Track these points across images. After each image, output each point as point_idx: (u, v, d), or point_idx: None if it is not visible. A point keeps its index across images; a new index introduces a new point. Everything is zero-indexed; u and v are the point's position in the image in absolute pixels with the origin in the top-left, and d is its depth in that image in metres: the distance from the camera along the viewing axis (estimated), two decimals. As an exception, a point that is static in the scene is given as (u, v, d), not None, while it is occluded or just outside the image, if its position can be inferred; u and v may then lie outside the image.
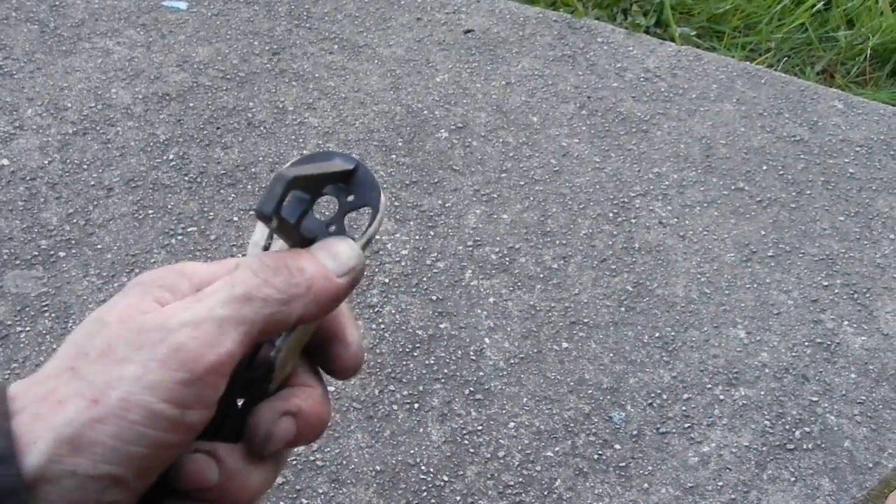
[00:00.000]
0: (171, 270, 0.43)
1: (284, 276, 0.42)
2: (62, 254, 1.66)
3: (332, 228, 0.46)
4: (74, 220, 1.71)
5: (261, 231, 0.46)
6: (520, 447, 1.47)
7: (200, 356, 0.39)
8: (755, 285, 1.72)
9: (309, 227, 0.45)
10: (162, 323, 0.39)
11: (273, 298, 0.41)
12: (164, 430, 0.38)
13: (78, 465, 0.37)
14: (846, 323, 1.68)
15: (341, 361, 0.47)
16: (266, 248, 0.46)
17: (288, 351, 0.45)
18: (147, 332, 0.39)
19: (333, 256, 0.45)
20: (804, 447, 1.50)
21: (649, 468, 1.46)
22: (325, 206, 1.21)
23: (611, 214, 1.82)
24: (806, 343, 1.64)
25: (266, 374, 0.45)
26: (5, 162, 1.80)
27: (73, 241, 1.68)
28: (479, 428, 1.49)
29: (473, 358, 1.57)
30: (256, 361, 0.45)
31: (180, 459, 0.42)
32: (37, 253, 1.65)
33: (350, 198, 0.47)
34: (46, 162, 1.80)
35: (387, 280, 1.67)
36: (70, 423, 0.37)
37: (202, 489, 0.42)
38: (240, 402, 0.46)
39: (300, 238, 0.45)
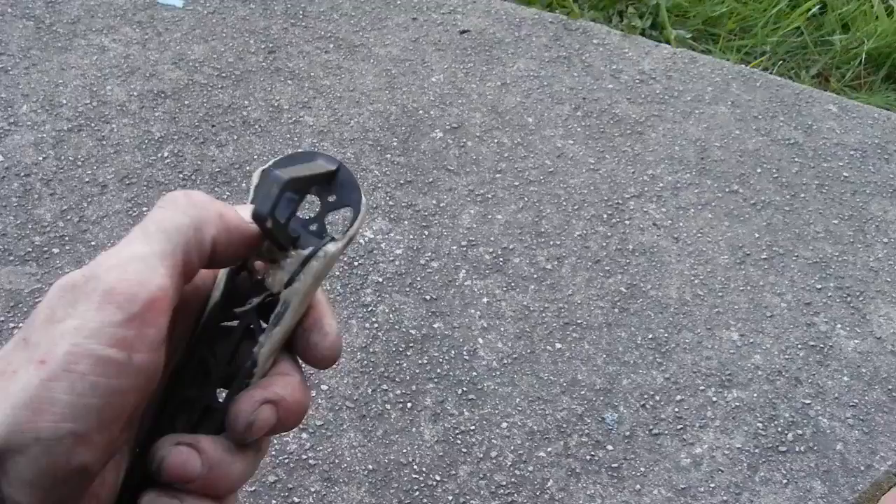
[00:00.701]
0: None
1: (194, 205, 0.43)
2: (56, 250, 1.65)
3: (314, 227, 0.47)
4: (68, 217, 1.71)
5: None
6: (512, 447, 1.47)
7: (134, 294, 0.39)
8: (749, 288, 1.72)
9: (292, 226, 0.46)
10: (91, 274, 0.40)
11: (185, 224, 0.42)
12: (115, 375, 0.39)
13: (40, 429, 0.37)
14: (839, 326, 1.68)
15: (319, 350, 0.47)
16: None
17: (270, 346, 0.45)
18: (79, 287, 0.40)
19: (244, 210, 0.46)
20: (796, 449, 1.50)
21: (641, 469, 1.46)
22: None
23: (605, 216, 1.82)
24: (799, 346, 1.64)
25: (249, 369, 0.45)
26: (0, 158, 1.79)
27: (66, 238, 1.67)
28: (472, 428, 1.49)
29: (467, 358, 1.57)
30: (239, 355, 0.46)
31: (163, 452, 0.43)
32: (30, 249, 1.65)
33: (332, 198, 0.48)
34: (41, 158, 1.80)
35: (380, 279, 1.67)
36: (25, 388, 0.38)
37: (186, 481, 0.43)
38: (221, 398, 0.46)
39: (286, 237, 0.46)
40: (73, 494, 0.40)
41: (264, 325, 0.46)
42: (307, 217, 0.48)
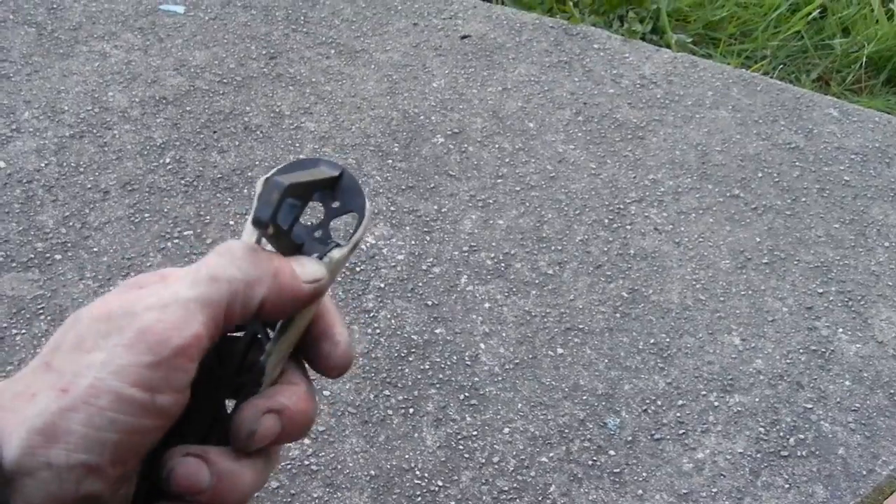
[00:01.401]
0: (154, 272, 0.44)
1: (251, 260, 0.42)
2: (58, 256, 1.66)
3: (318, 234, 0.47)
4: (70, 223, 1.71)
5: (249, 235, 0.46)
6: (514, 452, 1.47)
7: (167, 339, 0.39)
8: (750, 292, 1.72)
9: (297, 232, 0.46)
10: (129, 309, 0.40)
11: (237, 279, 0.41)
12: (135, 414, 0.38)
13: (52, 455, 0.37)
14: (841, 330, 1.68)
15: (330, 359, 0.47)
16: None
17: (277, 355, 0.45)
18: (114, 320, 0.39)
19: (301, 265, 0.45)
20: (798, 454, 1.50)
21: (644, 474, 1.46)
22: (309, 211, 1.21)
23: (606, 220, 1.82)
24: (800, 350, 1.64)
25: (256, 378, 0.45)
26: (2, 164, 1.80)
27: (69, 244, 1.68)
28: (474, 433, 1.49)
29: (468, 363, 1.58)
30: (246, 365, 0.46)
31: (172, 464, 0.42)
32: (33, 255, 1.65)
33: (335, 204, 0.48)
34: (43, 165, 1.80)
35: (382, 285, 1.67)
36: (41, 413, 0.37)
37: (195, 492, 0.42)
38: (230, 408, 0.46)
39: (290, 244, 0.46)
40: None
41: (271, 334, 0.46)
42: (312, 224, 0.48)
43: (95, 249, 1.67)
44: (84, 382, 0.38)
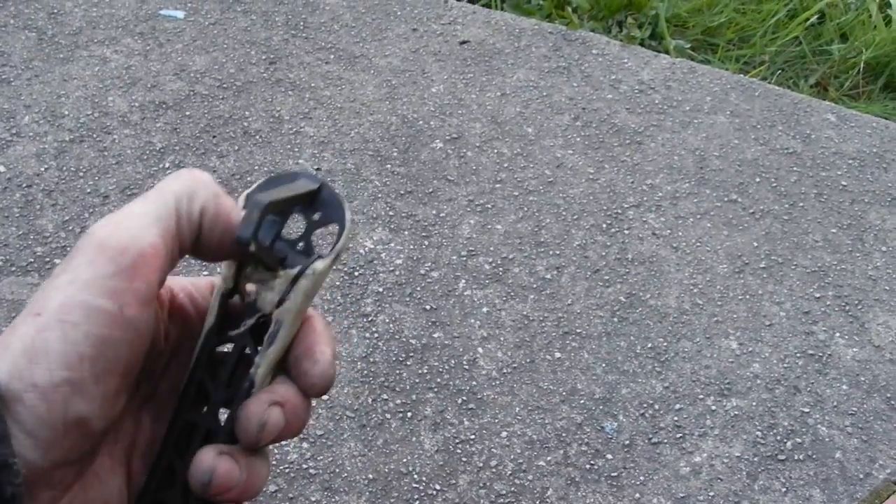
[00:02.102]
0: None
1: (192, 176, 0.45)
2: (58, 261, 1.66)
3: (301, 246, 0.48)
4: (70, 228, 1.72)
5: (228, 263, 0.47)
6: (512, 456, 1.47)
7: (125, 248, 0.41)
8: (747, 297, 1.73)
9: (279, 247, 0.47)
10: (88, 233, 0.42)
11: (180, 191, 0.44)
12: (107, 326, 0.40)
13: (36, 376, 0.39)
14: (838, 335, 1.68)
15: (309, 378, 0.47)
16: (238, 270, 0.47)
17: (266, 367, 0.46)
18: (76, 248, 0.42)
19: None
20: (795, 458, 1.51)
21: (641, 478, 1.47)
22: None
23: (604, 225, 1.83)
24: (798, 354, 1.65)
25: (247, 390, 0.46)
26: (1, 169, 1.80)
27: (68, 249, 1.68)
28: (472, 437, 1.49)
29: (466, 367, 1.58)
30: (236, 379, 0.47)
31: (212, 462, 0.44)
32: (32, 260, 1.66)
33: (316, 216, 0.49)
34: (43, 169, 1.81)
35: (380, 289, 1.68)
36: (21, 338, 0.39)
37: (229, 488, 0.44)
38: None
39: (272, 258, 0.47)
40: (78, 449, 0.41)
41: (259, 347, 0.47)
42: (294, 237, 0.48)
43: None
44: (54, 302, 0.40)
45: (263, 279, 0.47)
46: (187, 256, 0.46)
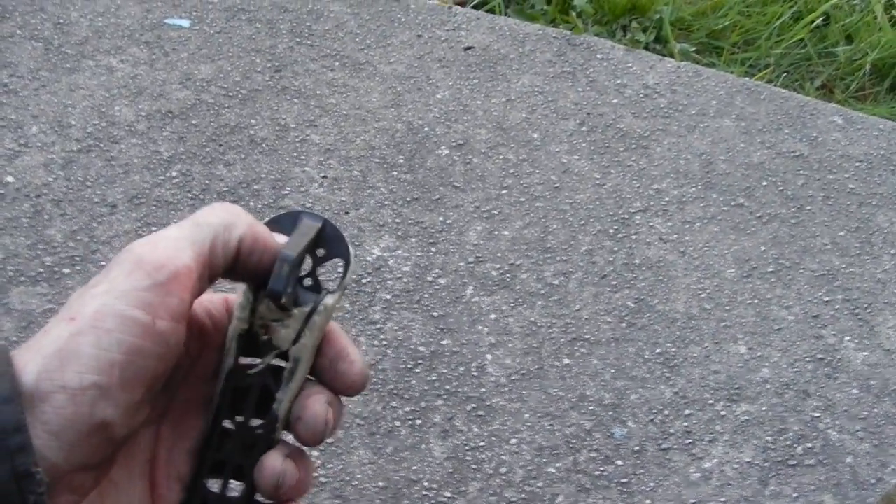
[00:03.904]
0: None
1: (229, 209, 0.47)
2: (66, 270, 1.66)
3: (308, 282, 0.50)
4: (79, 237, 1.72)
5: (245, 295, 0.49)
6: (522, 463, 1.47)
7: (161, 265, 0.43)
8: (756, 301, 1.73)
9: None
10: (127, 249, 0.44)
11: (217, 222, 0.46)
12: (139, 336, 0.42)
13: (66, 377, 0.40)
14: (847, 338, 1.68)
15: (347, 377, 0.49)
16: (252, 311, 0.49)
17: (288, 402, 0.48)
18: (114, 261, 0.44)
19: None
20: (806, 463, 1.50)
21: (651, 484, 1.46)
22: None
23: (611, 231, 1.83)
24: (807, 359, 1.65)
25: (272, 427, 0.49)
26: (10, 179, 1.81)
27: (77, 258, 1.68)
28: (482, 444, 1.49)
29: (475, 374, 1.58)
30: (259, 416, 0.49)
31: (283, 467, 0.47)
32: (42, 270, 1.66)
33: (321, 252, 0.51)
34: (51, 179, 1.81)
35: (388, 297, 1.68)
36: (54, 341, 0.41)
37: (294, 489, 0.47)
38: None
39: (290, 300, 0.49)
40: (99, 454, 0.42)
41: (279, 383, 0.49)
42: (302, 272, 0.51)
43: (103, 263, 1.68)
44: (90, 309, 0.41)
45: (277, 318, 0.48)
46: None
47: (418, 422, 1.51)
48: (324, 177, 1.87)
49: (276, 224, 0.50)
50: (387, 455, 1.47)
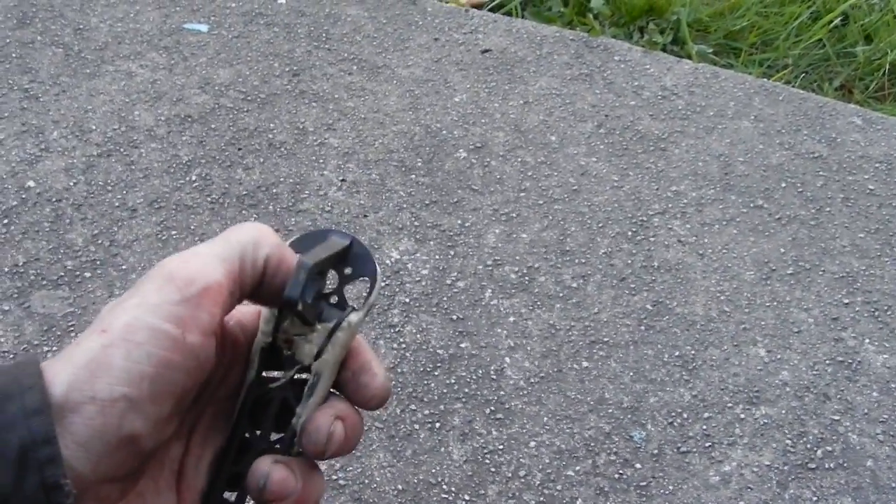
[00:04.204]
0: None
1: (256, 227, 0.48)
2: (88, 274, 1.68)
3: (334, 300, 0.51)
4: (99, 241, 1.73)
5: (270, 309, 0.50)
6: (541, 466, 1.48)
7: (192, 280, 0.44)
8: (775, 303, 1.72)
9: (315, 302, 0.50)
10: (159, 265, 0.45)
11: (245, 240, 0.47)
12: (169, 349, 0.42)
13: (96, 389, 0.41)
14: (867, 341, 1.67)
15: (369, 390, 0.50)
16: (277, 326, 0.50)
17: (307, 416, 0.49)
18: (146, 276, 0.44)
19: None
20: (826, 466, 1.50)
21: (670, 487, 1.46)
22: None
23: (630, 233, 1.82)
24: (827, 361, 1.64)
25: (290, 440, 0.49)
26: (31, 184, 1.82)
27: (98, 262, 1.70)
28: (501, 447, 1.49)
29: (494, 377, 1.58)
30: (279, 430, 0.50)
31: (266, 470, 0.47)
32: (63, 273, 1.68)
33: (348, 270, 0.52)
34: (72, 184, 1.83)
35: (407, 300, 1.68)
36: (85, 352, 0.41)
37: (284, 495, 0.47)
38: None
39: (312, 314, 0.49)
40: (126, 466, 0.42)
41: (299, 397, 0.49)
42: (327, 290, 0.51)
43: (124, 267, 1.70)
44: (121, 322, 0.42)
45: (301, 332, 0.49)
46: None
47: (437, 425, 1.52)
48: (342, 180, 1.88)
49: (305, 240, 0.51)
50: (406, 458, 1.47)
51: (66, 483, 0.39)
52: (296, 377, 0.49)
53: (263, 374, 0.50)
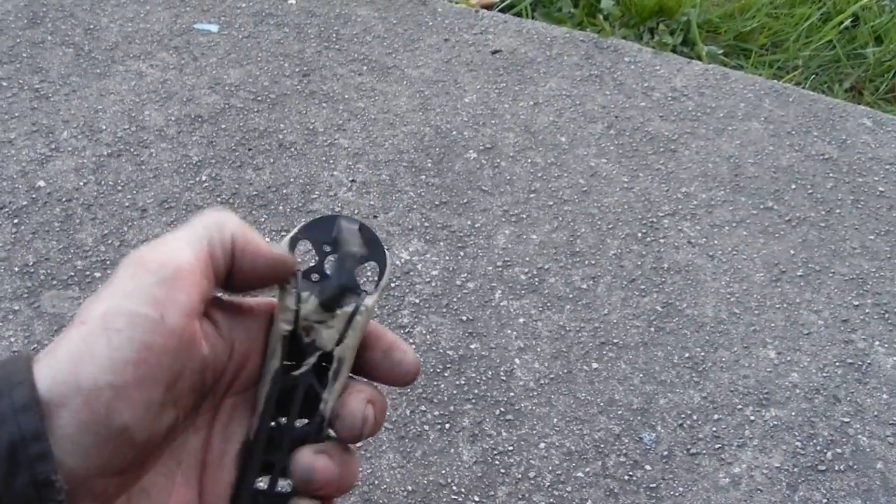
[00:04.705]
0: None
1: (218, 212, 0.49)
2: (98, 274, 1.68)
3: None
4: (109, 241, 1.74)
5: (290, 297, 0.50)
6: (550, 468, 1.48)
7: (165, 262, 0.44)
8: (785, 305, 1.72)
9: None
10: (128, 256, 0.45)
11: (209, 223, 0.47)
12: (149, 332, 0.42)
13: (80, 380, 0.40)
14: (877, 343, 1.67)
15: (403, 365, 0.51)
16: (296, 313, 0.50)
17: (333, 401, 0.50)
18: (117, 268, 0.45)
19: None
20: (836, 468, 1.50)
21: (680, 489, 1.46)
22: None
23: (639, 234, 1.82)
24: (837, 363, 1.64)
25: (319, 425, 0.50)
26: (42, 184, 1.83)
27: (108, 262, 1.70)
28: (510, 448, 1.49)
29: (504, 378, 1.58)
30: (306, 416, 0.50)
31: (308, 460, 0.48)
32: (73, 273, 1.68)
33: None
34: (82, 183, 1.83)
35: (417, 301, 1.68)
36: (66, 346, 0.41)
37: (328, 483, 0.48)
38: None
39: (338, 299, 0.51)
40: (119, 459, 0.42)
41: (322, 384, 0.50)
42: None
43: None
44: (98, 311, 0.42)
45: (321, 319, 0.50)
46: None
47: (447, 426, 1.52)
48: (352, 181, 1.88)
49: (314, 226, 0.52)
50: (415, 459, 1.47)
51: (56, 479, 0.39)
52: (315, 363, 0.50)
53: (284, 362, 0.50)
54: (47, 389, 0.40)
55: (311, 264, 0.52)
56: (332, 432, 0.50)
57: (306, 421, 0.50)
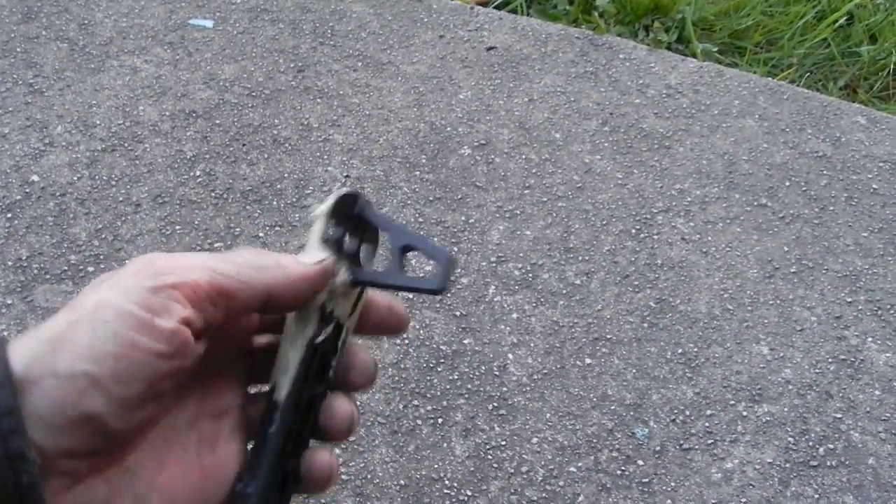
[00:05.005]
0: None
1: (259, 254, 0.48)
2: (91, 269, 1.68)
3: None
4: (103, 236, 1.74)
5: (313, 254, 0.51)
6: (543, 462, 1.48)
7: (170, 271, 0.43)
8: (778, 301, 1.72)
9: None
10: (144, 255, 0.45)
11: (245, 263, 0.47)
12: (136, 330, 0.41)
13: (57, 364, 0.40)
14: (870, 339, 1.67)
15: (403, 318, 0.57)
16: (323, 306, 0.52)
17: (345, 357, 0.53)
18: (127, 263, 0.45)
19: (302, 257, 0.51)
20: (828, 464, 1.50)
21: (672, 484, 1.46)
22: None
23: (633, 231, 1.83)
24: (829, 360, 1.64)
25: (325, 393, 0.52)
26: (35, 178, 1.83)
27: (101, 257, 1.70)
28: (503, 443, 1.50)
29: (497, 373, 1.58)
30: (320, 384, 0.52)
31: (343, 406, 0.51)
32: (66, 268, 1.68)
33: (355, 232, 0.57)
34: (75, 178, 1.83)
35: (410, 295, 1.68)
36: (51, 328, 0.41)
37: (346, 426, 0.51)
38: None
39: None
40: (88, 443, 0.42)
41: (333, 352, 0.53)
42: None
43: (127, 261, 1.70)
44: (91, 301, 0.42)
45: (346, 292, 0.52)
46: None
47: (440, 420, 1.52)
48: (346, 176, 1.88)
49: (342, 204, 0.53)
50: (408, 453, 1.47)
51: (31, 454, 0.39)
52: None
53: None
54: (24, 368, 0.40)
55: (330, 233, 0.52)
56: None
57: (321, 388, 0.52)
